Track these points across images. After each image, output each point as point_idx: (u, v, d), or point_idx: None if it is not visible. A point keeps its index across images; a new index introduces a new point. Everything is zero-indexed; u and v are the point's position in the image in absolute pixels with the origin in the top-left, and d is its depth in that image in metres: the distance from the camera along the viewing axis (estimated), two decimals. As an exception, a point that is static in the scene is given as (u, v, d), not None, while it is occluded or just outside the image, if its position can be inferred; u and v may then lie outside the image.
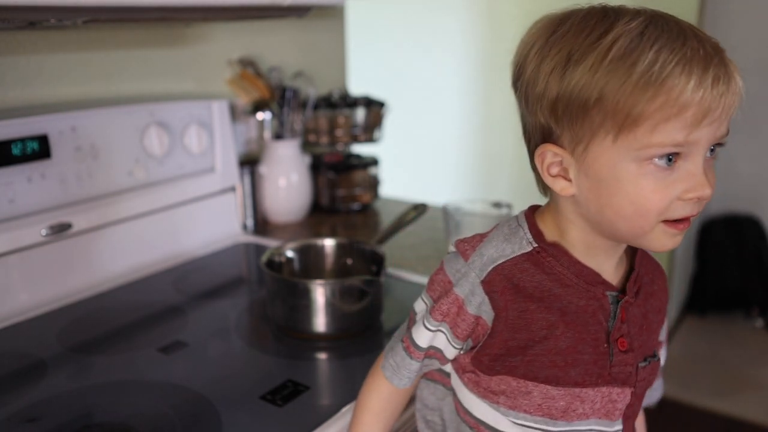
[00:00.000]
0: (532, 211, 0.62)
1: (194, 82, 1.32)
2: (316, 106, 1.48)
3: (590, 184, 0.54)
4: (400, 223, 1.08)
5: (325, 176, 1.48)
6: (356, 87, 1.78)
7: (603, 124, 0.51)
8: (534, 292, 0.57)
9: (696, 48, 0.49)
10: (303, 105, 1.43)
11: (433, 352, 0.62)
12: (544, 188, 0.60)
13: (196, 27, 1.30)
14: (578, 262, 0.58)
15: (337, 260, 1.04)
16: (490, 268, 0.58)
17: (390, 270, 1.09)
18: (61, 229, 1.02)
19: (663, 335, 0.69)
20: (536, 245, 0.58)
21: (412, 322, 0.64)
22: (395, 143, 1.81)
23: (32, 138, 0.97)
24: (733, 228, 2.88)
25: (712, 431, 2.14)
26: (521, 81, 0.57)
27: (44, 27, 1.03)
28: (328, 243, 1.04)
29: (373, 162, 1.53)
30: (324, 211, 1.50)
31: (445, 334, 0.60)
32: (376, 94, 1.59)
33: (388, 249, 1.01)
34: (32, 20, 0.87)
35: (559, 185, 0.56)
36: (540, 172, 0.57)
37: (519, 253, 0.58)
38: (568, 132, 0.53)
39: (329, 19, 1.64)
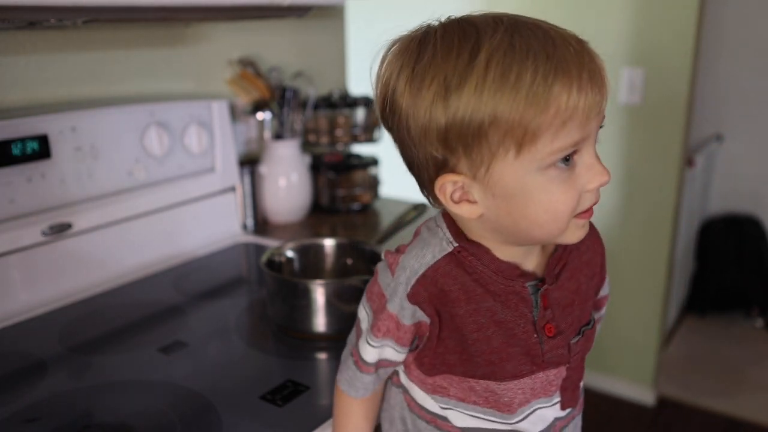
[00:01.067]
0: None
1: (194, 82, 1.32)
2: (316, 106, 1.48)
3: (499, 202, 0.54)
4: (400, 223, 1.08)
5: (325, 176, 1.48)
6: (356, 87, 1.78)
7: (502, 143, 0.51)
8: (460, 295, 0.57)
9: (566, 49, 0.50)
10: (303, 105, 1.43)
11: (385, 363, 0.63)
12: (434, 202, 0.59)
13: (196, 27, 1.30)
14: (496, 259, 0.58)
15: (337, 260, 1.04)
16: (413, 281, 0.58)
17: (390, 270, 1.09)
18: (61, 229, 1.02)
19: (606, 290, 0.70)
20: (456, 245, 0.58)
21: (359, 330, 0.65)
22: (395, 143, 1.80)
23: (32, 138, 0.97)
24: (733, 228, 2.87)
25: (712, 431, 2.14)
26: (396, 115, 0.55)
27: (44, 27, 1.03)
28: (328, 243, 1.04)
29: (373, 162, 1.53)
30: (324, 211, 1.50)
31: (391, 347, 0.62)
32: (376, 94, 1.58)
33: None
34: (32, 20, 0.87)
35: (464, 210, 0.55)
36: (444, 203, 0.56)
37: (440, 257, 0.58)
38: (465, 159, 0.52)
39: (329, 19, 1.64)
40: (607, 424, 2.18)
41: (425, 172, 0.56)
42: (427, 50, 0.52)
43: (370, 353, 0.63)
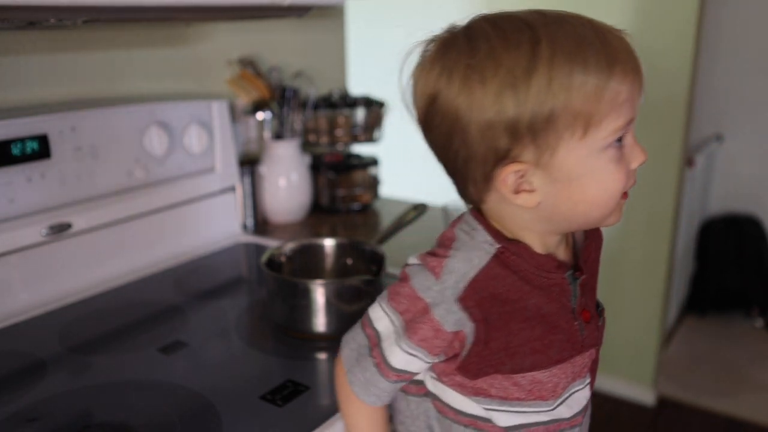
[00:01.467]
0: (478, 212, 0.61)
1: (194, 82, 1.32)
2: (316, 106, 1.48)
3: (559, 186, 0.55)
4: (400, 223, 1.08)
5: (325, 176, 1.48)
6: (356, 87, 1.78)
7: (570, 127, 0.52)
8: (510, 295, 0.58)
9: (612, 37, 0.54)
10: (303, 105, 1.43)
11: (406, 376, 0.62)
12: (479, 200, 0.59)
13: (196, 27, 1.30)
14: (536, 254, 0.59)
15: (337, 260, 1.04)
16: (463, 285, 0.57)
17: (390, 270, 1.09)
18: (61, 229, 1.02)
19: None
20: (499, 245, 0.58)
21: (371, 331, 0.62)
22: (395, 143, 1.81)
23: (32, 138, 0.97)
24: (733, 228, 2.87)
25: (712, 431, 2.14)
26: (447, 115, 0.54)
27: (44, 27, 1.03)
28: (328, 243, 1.04)
29: (373, 162, 1.53)
30: (324, 211, 1.50)
31: (422, 359, 0.60)
32: (376, 94, 1.59)
33: (388, 249, 1.01)
34: (32, 20, 0.87)
35: (523, 199, 0.56)
36: (505, 194, 0.56)
37: (486, 261, 0.57)
38: (532, 146, 0.53)
39: (329, 19, 1.64)
40: (607, 424, 2.18)
41: (480, 168, 0.56)
42: (480, 44, 0.53)
43: (399, 358, 0.60)
